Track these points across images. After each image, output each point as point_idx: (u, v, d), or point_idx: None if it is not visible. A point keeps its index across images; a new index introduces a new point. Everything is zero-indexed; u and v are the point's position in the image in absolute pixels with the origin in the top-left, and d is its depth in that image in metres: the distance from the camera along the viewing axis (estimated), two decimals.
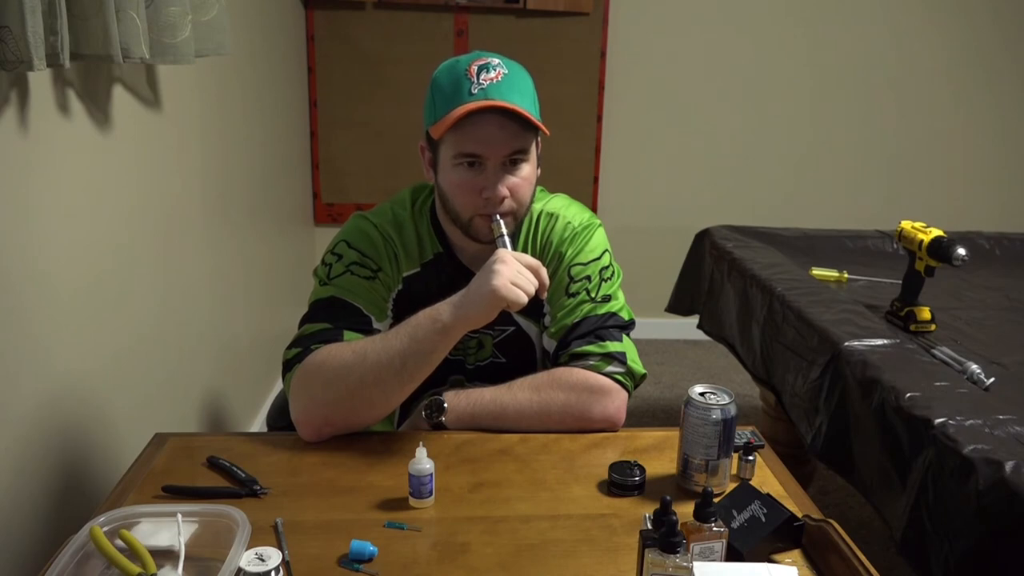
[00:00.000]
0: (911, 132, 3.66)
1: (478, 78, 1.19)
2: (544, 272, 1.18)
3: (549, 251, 1.34)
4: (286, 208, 3.04)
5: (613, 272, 1.36)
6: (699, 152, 3.60)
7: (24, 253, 1.21)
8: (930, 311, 1.83)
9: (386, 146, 3.41)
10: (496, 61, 1.22)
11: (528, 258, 1.17)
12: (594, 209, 3.56)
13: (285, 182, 3.03)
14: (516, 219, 1.27)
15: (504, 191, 1.21)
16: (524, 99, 1.21)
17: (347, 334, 1.24)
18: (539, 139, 1.28)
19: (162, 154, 1.74)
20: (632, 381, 1.31)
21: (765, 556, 0.98)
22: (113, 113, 1.49)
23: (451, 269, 1.34)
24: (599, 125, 3.48)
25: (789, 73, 3.55)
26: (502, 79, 1.20)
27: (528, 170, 1.25)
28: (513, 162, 1.22)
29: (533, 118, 1.20)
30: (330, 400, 1.20)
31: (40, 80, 1.24)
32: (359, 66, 3.31)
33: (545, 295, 1.21)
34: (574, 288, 1.32)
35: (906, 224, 1.90)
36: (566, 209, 1.37)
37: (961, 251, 1.76)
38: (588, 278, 1.32)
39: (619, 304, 1.34)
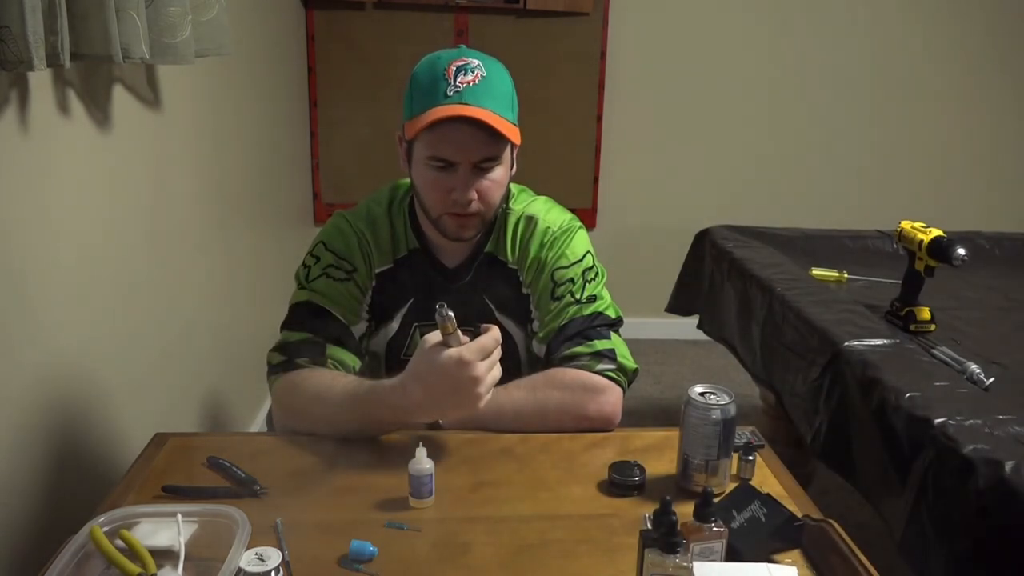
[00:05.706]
0: (911, 132, 3.65)
1: (455, 80, 1.18)
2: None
3: (528, 256, 1.35)
4: (286, 208, 3.04)
5: (597, 272, 1.36)
6: (699, 152, 3.60)
7: (24, 253, 1.21)
8: (930, 311, 1.83)
9: (386, 146, 3.39)
10: (476, 62, 1.20)
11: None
12: (594, 209, 3.57)
13: (285, 182, 3.03)
14: (483, 221, 1.28)
15: (472, 195, 1.22)
16: (500, 104, 1.20)
17: (329, 348, 1.27)
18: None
19: (162, 154, 1.74)
20: (625, 377, 1.31)
21: (765, 556, 0.98)
22: (113, 113, 1.48)
23: (426, 265, 1.35)
24: (599, 125, 3.48)
25: (789, 73, 3.54)
26: (479, 82, 1.19)
27: (500, 173, 1.25)
28: (484, 167, 1.23)
29: (505, 127, 1.19)
30: (299, 422, 1.25)
31: (40, 80, 1.24)
32: (359, 66, 3.31)
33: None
34: (559, 292, 1.33)
35: (906, 224, 1.90)
36: (546, 213, 1.37)
37: (961, 251, 1.76)
38: (572, 280, 1.33)
39: (605, 303, 1.35)
